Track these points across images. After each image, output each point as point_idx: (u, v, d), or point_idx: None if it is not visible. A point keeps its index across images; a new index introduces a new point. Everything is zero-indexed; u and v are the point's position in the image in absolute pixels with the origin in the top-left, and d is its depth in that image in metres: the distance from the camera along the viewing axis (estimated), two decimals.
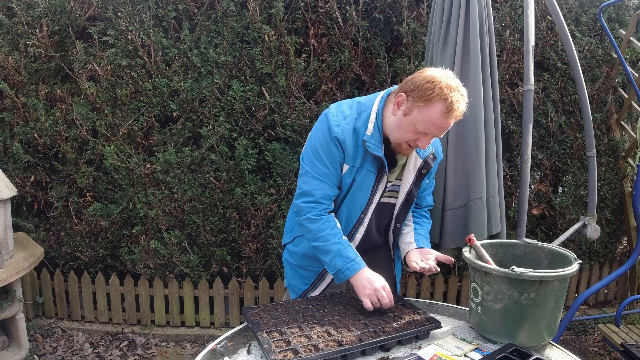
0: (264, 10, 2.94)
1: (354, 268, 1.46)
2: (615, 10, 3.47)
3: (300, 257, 1.71)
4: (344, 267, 1.47)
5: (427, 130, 1.41)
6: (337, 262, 1.47)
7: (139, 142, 3.06)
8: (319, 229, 1.50)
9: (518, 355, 1.24)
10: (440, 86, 1.35)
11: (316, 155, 1.52)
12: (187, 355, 3.06)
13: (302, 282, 1.74)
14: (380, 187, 1.57)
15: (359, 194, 1.56)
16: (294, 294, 1.77)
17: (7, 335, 2.80)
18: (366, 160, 1.52)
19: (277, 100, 2.97)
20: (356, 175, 1.53)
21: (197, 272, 3.14)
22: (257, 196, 2.99)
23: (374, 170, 1.53)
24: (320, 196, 1.51)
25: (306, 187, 1.53)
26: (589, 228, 2.57)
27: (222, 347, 1.34)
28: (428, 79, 1.37)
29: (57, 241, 3.22)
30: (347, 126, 1.49)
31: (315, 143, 1.53)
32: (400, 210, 1.64)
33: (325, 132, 1.50)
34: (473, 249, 1.45)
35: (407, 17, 2.95)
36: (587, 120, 2.48)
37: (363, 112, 1.52)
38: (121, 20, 2.91)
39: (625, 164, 3.55)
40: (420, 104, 1.38)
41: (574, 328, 3.43)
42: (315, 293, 1.72)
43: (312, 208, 1.51)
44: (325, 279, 1.70)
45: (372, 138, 1.48)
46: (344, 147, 1.49)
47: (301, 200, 1.54)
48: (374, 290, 1.43)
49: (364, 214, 1.59)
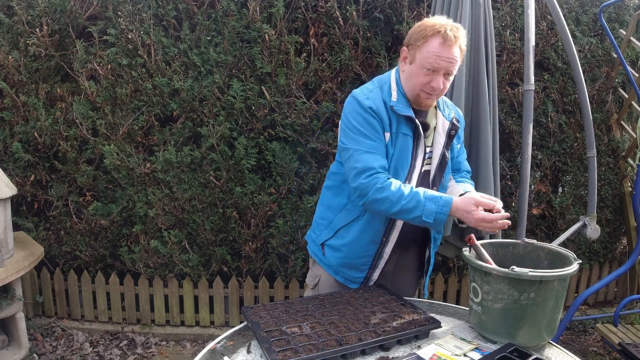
0: (264, 10, 2.94)
1: (448, 201, 1.46)
2: (616, 10, 3.47)
3: (352, 247, 1.67)
4: (438, 206, 1.45)
5: (435, 65, 1.48)
6: (430, 207, 1.45)
7: (139, 142, 3.06)
8: (393, 192, 1.48)
9: (518, 355, 1.24)
10: (432, 23, 1.49)
11: (358, 132, 1.55)
12: (187, 354, 3.06)
13: (358, 270, 1.71)
14: (419, 152, 1.60)
15: (402, 161, 1.59)
16: (354, 284, 1.73)
17: (7, 334, 2.80)
18: (400, 125, 1.57)
19: (277, 99, 2.97)
20: (396, 141, 1.57)
21: (197, 272, 3.14)
22: (257, 195, 2.99)
23: (410, 133, 1.58)
24: (378, 166, 1.52)
25: (361, 164, 1.52)
26: (589, 228, 2.58)
27: (221, 347, 1.34)
28: (419, 24, 1.52)
29: (57, 240, 3.22)
30: (376, 97, 1.57)
31: (352, 122, 1.56)
32: (436, 174, 1.66)
33: (358, 109, 1.55)
34: (473, 248, 1.45)
35: (407, 17, 2.95)
36: (587, 120, 2.48)
37: (384, 85, 1.61)
38: (121, 20, 2.91)
39: (625, 164, 3.54)
40: (420, 44, 1.49)
41: (574, 328, 3.43)
42: (376, 273, 1.70)
43: (376, 179, 1.50)
44: (382, 256, 1.68)
45: (399, 102, 1.56)
46: (380, 115, 1.55)
47: (362, 177, 1.51)
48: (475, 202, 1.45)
49: (408, 180, 1.60)
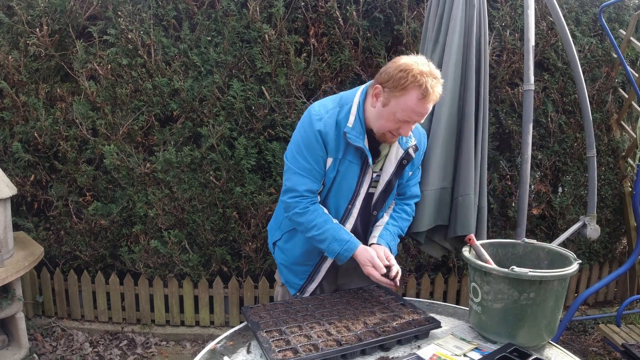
0: (264, 10, 2.94)
1: (351, 248, 1.54)
2: (616, 10, 3.47)
3: (292, 254, 1.73)
4: (341, 249, 1.53)
5: (407, 118, 1.44)
6: (334, 247, 1.54)
7: (139, 142, 3.06)
8: (309, 220, 1.55)
9: (517, 355, 1.24)
10: (413, 73, 1.37)
11: (298, 151, 1.55)
12: (187, 354, 3.06)
13: (298, 277, 1.75)
14: (366, 178, 1.59)
15: (345, 185, 1.58)
16: (293, 290, 1.78)
17: (7, 334, 2.81)
18: (348, 152, 1.54)
19: (277, 99, 2.97)
20: (339, 167, 1.55)
21: (197, 272, 3.14)
22: (257, 195, 2.99)
23: (357, 162, 1.55)
24: (304, 190, 1.54)
25: (289, 183, 1.57)
26: (589, 228, 2.57)
27: (221, 347, 1.34)
28: (400, 67, 1.39)
29: (57, 240, 3.22)
30: (330, 119, 1.51)
31: (298, 139, 1.56)
32: (378, 198, 1.66)
33: (307, 127, 1.52)
34: (473, 248, 1.45)
35: (407, 17, 2.95)
36: (587, 120, 2.47)
37: (345, 105, 1.54)
38: (121, 20, 2.91)
39: (625, 164, 3.54)
40: (396, 93, 1.40)
41: (574, 328, 3.43)
42: (312, 286, 1.73)
43: (297, 202, 1.55)
44: (320, 271, 1.72)
45: (354, 130, 1.50)
46: (326, 140, 1.51)
47: (287, 196, 1.57)
48: (370, 259, 1.52)
49: (351, 204, 1.61)
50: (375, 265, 1.51)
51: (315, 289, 1.75)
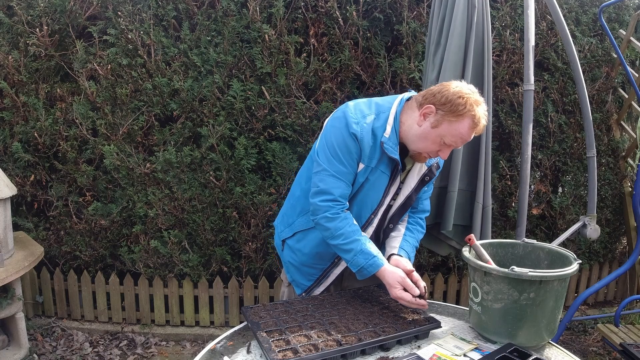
0: (264, 10, 2.94)
1: (377, 264, 1.48)
2: (615, 10, 3.47)
3: (303, 255, 1.70)
4: (366, 264, 1.48)
5: (453, 143, 1.45)
6: (359, 260, 1.49)
7: (139, 142, 3.06)
8: (337, 227, 1.50)
9: (517, 355, 1.24)
10: (470, 102, 1.39)
11: (333, 153, 1.51)
12: (187, 354, 3.06)
13: (305, 278, 1.74)
14: (392, 189, 1.59)
15: (372, 195, 1.57)
16: (299, 289, 1.77)
17: (6, 334, 2.80)
18: (382, 162, 1.53)
19: (277, 99, 2.97)
20: (370, 175, 1.54)
21: (196, 272, 3.14)
22: (257, 195, 2.99)
23: (388, 172, 1.55)
24: (338, 194, 1.51)
25: (323, 185, 1.52)
26: (589, 228, 2.57)
27: (221, 347, 1.34)
28: (459, 94, 1.41)
29: (56, 240, 3.22)
30: (366, 125, 1.50)
31: (333, 140, 1.52)
32: (396, 212, 1.66)
33: (343, 130, 1.50)
34: (473, 248, 1.45)
35: (407, 17, 2.95)
36: (587, 120, 2.48)
37: (382, 113, 1.53)
38: (121, 20, 2.91)
39: (625, 164, 3.55)
40: (452, 118, 1.41)
41: (574, 328, 3.43)
42: (319, 289, 1.72)
43: (329, 207, 1.51)
44: (329, 276, 1.70)
45: (390, 140, 1.49)
46: (362, 146, 1.50)
47: (318, 199, 1.52)
48: (402, 281, 1.45)
49: (374, 214, 1.61)
50: (407, 287, 1.45)
51: (322, 292, 1.74)
